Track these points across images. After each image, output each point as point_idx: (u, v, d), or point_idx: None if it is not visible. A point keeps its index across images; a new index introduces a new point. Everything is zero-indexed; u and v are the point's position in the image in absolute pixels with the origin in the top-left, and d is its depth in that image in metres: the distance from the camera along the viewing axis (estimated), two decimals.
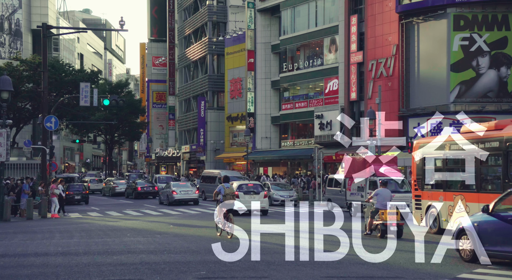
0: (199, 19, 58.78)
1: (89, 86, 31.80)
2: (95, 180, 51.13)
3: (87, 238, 15.43)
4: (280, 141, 47.00)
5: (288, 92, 45.93)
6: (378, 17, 36.11)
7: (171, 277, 9.35)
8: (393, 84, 35.10)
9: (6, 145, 22.38)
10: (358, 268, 10.26)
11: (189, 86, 61.90)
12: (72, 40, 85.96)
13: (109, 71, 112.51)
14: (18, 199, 24.98)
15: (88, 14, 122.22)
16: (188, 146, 61.20)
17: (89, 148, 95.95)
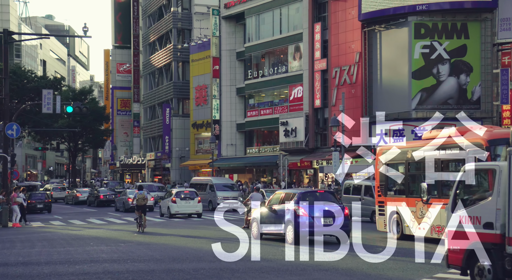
0: (164, 26, 58.54)
1: (52, 93, 31.27)
2: (58, 188, 50.21)
3: (49, 247, 15.17)
4: (245, 147, 47.09)
5: (253, 99, 46.12)
6: (341, 25, 36.64)
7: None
8: (357, 91, 35.62)
9: None
10: (322, 274, 10.37)
11: (154, 93, 61.50)
12: (35, 46, 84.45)
13: (73, 78, 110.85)
14: None
15: (51, 20, 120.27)
16: (153, 153, 60.71)
17: (52, 155, 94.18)
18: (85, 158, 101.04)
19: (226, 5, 46.82)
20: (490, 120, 32.20)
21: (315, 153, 38.89)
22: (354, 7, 35.37)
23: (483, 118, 31.78)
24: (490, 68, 32.79)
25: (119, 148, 72.27)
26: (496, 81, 32.81)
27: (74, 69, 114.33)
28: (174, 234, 18.53)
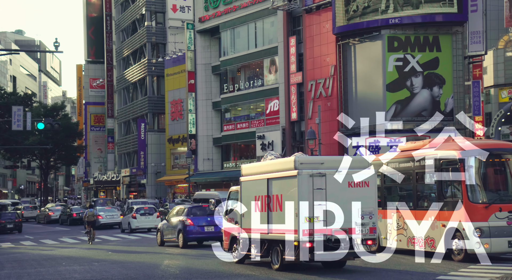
0: (138, 40, 58.16)
1: (22, 109, 30.69)
2: (29, 207, 49.10)
3: (19, 268, 14.63)
4: (222, 162, 46.74)
5: (229, 113, 45.91)
6: (316, 39, 36.78)
7: None
8: (332, 104, 35.68)
9: None
10: None
11: (128, 108, 60.88)
12: (4, 62, 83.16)
13: (44, 93, 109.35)
14: None
15: (21, 35, 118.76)
16: (128, 169, 59.92)
17: (23, 173, 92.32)
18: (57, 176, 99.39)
19: (201, 19, 46.72)
20: (463, 132, 32.51)
21: None
22: (328, 21, 35.57)
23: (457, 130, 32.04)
24: (462, 81, 33.21)
25: (93, 165, 71.22)
26: (468, 93, 33.24)
27: (46, 85, 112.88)
28: (148, 251, 18.08)
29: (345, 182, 11.99)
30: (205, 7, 46.19)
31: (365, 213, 12.00)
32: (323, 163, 12.27)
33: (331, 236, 11.71)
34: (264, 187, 12.92)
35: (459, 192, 13.44)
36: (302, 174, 11.76)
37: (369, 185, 12.18)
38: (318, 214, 11.65)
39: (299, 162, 12.01)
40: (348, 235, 11.80)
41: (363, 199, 12.04)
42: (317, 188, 11.71)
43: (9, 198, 75.91)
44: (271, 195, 12.67)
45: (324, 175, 11.83)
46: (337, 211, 11.84)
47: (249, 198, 13.51)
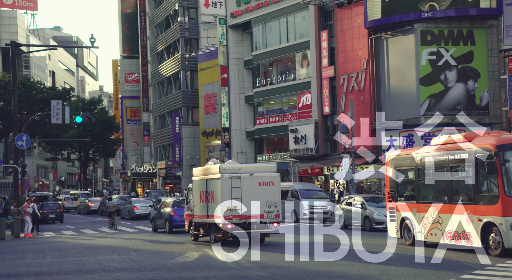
0: (171, 36, 58.88)
1: (61, 103, 31.56)
2: (69, 198, 50.52)
3: (61, 257, 15.25)
4: (255, 155, 47.14)
5: (262, 107, 46.23)
6: (347, 33, 36.72)
7: None
8: (365, 98, 35.63)
9: None
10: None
11: (163, 102, 61.77)
12: (43, 57, 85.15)
13: (82, 88, 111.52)
14: None
15: (59, 32, 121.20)
16: (163, 162, 60.87)
17: (64, 165, 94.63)
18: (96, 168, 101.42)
19: (233, 14, 47.08)
20: (499, 126, 32.10)
21: (325, 159, 38.89)
22: (360, 15, 35.46)
23: (492, 124, 31.69)
24: (498, 74, 32.75)
25: (130, 157, 72.55)
26: (504, 87, 32.76)
27: (83, 79, 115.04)
28: (185, 242, 18.60)
29: (255, 182, 16.55)
30: (237, 2, 46.51)
31: (271, 204, 16.62)
32: (240, 169, 16.99)
33: (245, 220, 16.36)
34: (204, 185, 17.54)
35: (496, 186, 13.43)
36: (224, 177, 16.42)
37: (274, 184, 16.81)
38: (236, 205, 16.25)
39: (223, 168, 16.78)
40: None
41: (270, 194, 16.64)
42: (234, 186, 16.29)
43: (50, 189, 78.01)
44: (208, 191, 17.21)
45: (240, 177, 16.41)
46: (250, 202, 16.30)
47: (197, 193, 18.15)
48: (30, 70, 76.65)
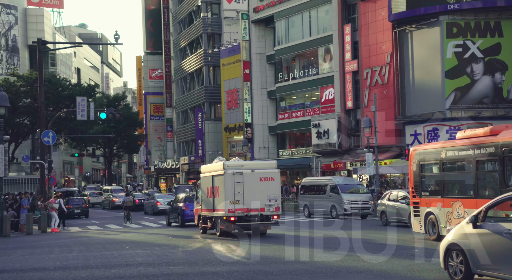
0: (194, 31, 59.05)
1: (86, 100, 31.90)
2: (94, 193, 51.16)
3: (86, 251, 15.44)
4: (278, 150, 47.08)
5: (284, 102, 46.12)
6: (371, 26, 36.36)
7: None
8: (389, 92, 35.27)
9: (3, 160, 22.43)
10: (356, 276, 10.31)
11: (186, 98, 62.05)
12: (69, 55, 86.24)
13: (107, 84, 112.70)
14: (18, 214, 24.98)
15: (84, 29, 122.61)
16: (186, 157, 61.21)
17: (89, 161, 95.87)
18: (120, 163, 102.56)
19: (255, 9, 46.99)
20: None
21: (348, 154, 38.65)
22: (384, 8, 35.08)
23: None
24: None
25: (153, 153, 73.13)
26: None
27: (108, 76, 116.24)
28: (208, 237, 18.68)
29: (257, 177, 17.78)
30: None
31: (271, 198, 17.82)
32: (243, 165, 18.13)
33: (247, 213, 17.61)
34: (210, 181, 18.75)
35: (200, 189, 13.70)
36: (227, 173, 17.67)
37: (274, 179, 17.98)
38: (239, 198, 17.54)
39: (226, 165, 18.01)
40: (259, 212, 17.71)
41: (270, 189, 17.83)
42: (237, 181, 17.54)
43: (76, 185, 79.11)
44: (214, 186, 18.46)
45: (242, 173, 17.63)
46: (251, 196, 17.60)
47: (204, 188, 19.50)
48: (56, 67, 77.70)
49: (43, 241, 19.61)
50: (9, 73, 52.42)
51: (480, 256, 8.76)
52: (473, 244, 8.86)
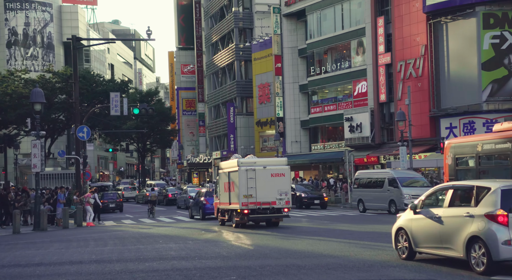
0: (226, 26, 59.15)
1: (119, 95, 32.27)
2: (128, 188, 51.85)
3: (121, 245, 15.64)
4: (310, 144, 46.87)
5: (316, 95, 45.84)
6: (405, 18, 35.78)
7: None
8: (423, 84, 34.70)
9: (40, 156, 22.89)
10: (390, 270, 10.17)
11: (218, 92, 62.28)
12: (103, 51, 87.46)
13: (139, 80, 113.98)
14: (54, 208, 25.48)
15: (117, 25, 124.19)
16: (219, 152, 61.49)
17: (123, 156, 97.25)
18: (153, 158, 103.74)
19: (287, 2, 46.76)
20: None
21: (382, 148, 38.23)
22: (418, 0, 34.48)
23: None
24: None
25: (186, 147, 73.72)
26: None
27: (141, 71, 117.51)
28: (240, 231, 18.72)
29: (268, 173, 19.04)
30: None
31: (282, 192, 19.09)
32: (255, 162, 19.41)
33: (260, 206, 19.02)
34: (227, 176, 20.00)
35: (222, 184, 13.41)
36: (241, 169, 18.99)
37: (285, 175, 19.22)
38: (251, 193, 18.90)
39: (240, 162, 19.31)
40: (271, 205, 19.07)
41: (281, 184, 19.10)
42: (250, 177, 18.83)
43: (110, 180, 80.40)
44: (230, 182, 19.69)
45: (254, 170, 18.94)
46: (263, 191, 18.94)
47: (222, 184, 20.74)
48: (91, 63, 78.94)
49: (79, 235, 19.96)
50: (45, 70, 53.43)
51: (418, 237, 10.69)
52: (413, 227, 10.81)
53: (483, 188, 9.64)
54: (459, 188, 10.35)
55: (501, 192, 9.28)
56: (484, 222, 9.24)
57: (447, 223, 9.97)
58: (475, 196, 9.69)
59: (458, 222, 9.71)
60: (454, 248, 9.84)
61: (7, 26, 71.77)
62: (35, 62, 72.15)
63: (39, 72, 61.20)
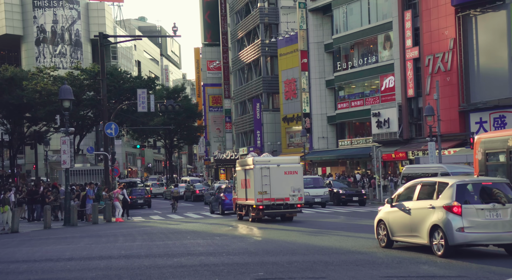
0: (251, 22, 59.11)
1: (146, 92, 32.51)
2: (156, 184, 52.32)
3: (149, 241, 15.79)
4: (337, 140, 46.61)
5: (343, 91, 45.53)
6: (433, 11, 35.25)
7: (229, 278, 9.46)
8: (452, 79, 34.17)
9: (70, 152, 23.24)
10: (419, 267, 10.06)
11: (244, 88, 62.35)
12: (129, 48, 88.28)
13: (166, 76, 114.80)
14: (83, 204, 25.86)
15: (144, 22, 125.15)
16: (245, 148, 61.59)
17: (150, 152, 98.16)
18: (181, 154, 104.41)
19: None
20: None
21: (410, 143, 37.81)
22: None
23: None
24: None
25: (213, 144, 74.03)
26: None
27: (167, 68, 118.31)
28: (267, 227, 18.73)
29: (282, 171, 19.95)
30: None
31: (295, 189, 20.08)
32: (270, 161, 20.42)
33: (274, 202, 20.01)
34: (243, 174, 21.13)
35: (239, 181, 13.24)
36: (256, 167, 19.95)
37: (298, 173, 20.24)
38: (266, 190, 19.86)
39: (255, 160, 20.33)
40: (284, 201, 20.09)
41: (294, 181, 20.09)
42: (264, 175, 19.80)
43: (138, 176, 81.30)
44: (246, 179, 20.77)
45: (269, 168, 19.88)
46: (277, 188, 19.90)
47: (239, 180, 21.82)
48: (118, 60, 79.77)
49: (108, 230, 20.20)
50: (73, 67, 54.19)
51: (394, 227, 12.08)
52: (390, 219, 12.19)
53: (443, 183, 11.12)
54: (426, 183, 11.73)
55: (456, 186, 10.76)
56: (443, 212, 10.68)
57: (414, 214, 11.41)
58: (437, 190, 11.10)
59: (423, 213, 11.15)
60: (420, 235, 11.21)
61: (35, 24, 72.96)
62: (63, 59, 73.24)
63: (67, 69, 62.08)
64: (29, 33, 72.96)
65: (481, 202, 10.74)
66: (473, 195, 10.88)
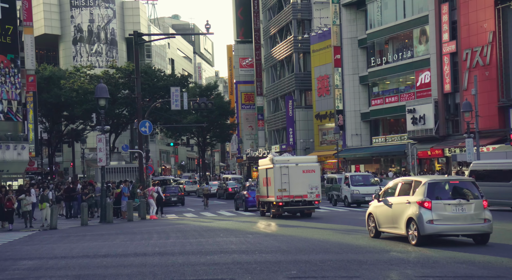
0: (284, 18, 58.88)
1: (179, 90, 32.70)
2: (189, 182, 52.65)
3: (183, 238, 15.84)
4: (371, 137, 46.05)
5: (377, 87, 44.93)
6: (471, 4, 34.43)
7: (262, 276, 9.37)
8: (491, 73, 33.32)
9: (105, 150, 23.53)
10: (456, 267, 9.78)
11: (276, 86, 62.19)
12: (163, 46, 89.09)
13: (199, 74, 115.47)
14: (118, 201, 26.15)
15: (177, 20, 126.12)
16: (278, 146, 61.48)
17: (183, 150, 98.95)
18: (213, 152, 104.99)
19: None
20: None
21: (447, 140, 37.07)
22: None
23: None
24: None
25: (245, 141, 74.12)
26: None
27: (200, 66, 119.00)
28: (299, 225, 18.59)
29: (300, 170, 21.11)
30: None
31: (313, 186, 21.18)
32: (289, 160, 21.40)
33: (293, 199, 21.18)
34: (265, 173, 22.19)
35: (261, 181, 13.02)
36: (276, 166, 21.10)
37: (315, 171, 21.44)
38: (285, 187, 21.03)
39: (275, 160, 21.37)
40: (303, 198, 21.22)
41: (311, 179, 21.24)
42: (283, 173, 20.94)
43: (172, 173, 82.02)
44: (267, 177, 21.78)
45: (288, 167, 21.02)
46: (296, 185, 21.02)
47: (261, 179, 22.96)
48: (152, 58, 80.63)
49: (143, 228, 20.38)
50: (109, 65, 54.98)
51: (380, 220, 13.60)
52: (377, 212, 13.72)
53: (418, 182, 12.58)
54: (406, 181, 13.17)
55: (428, 184, 12.18)
56: (416, 207, 12.18)
57: (395, 208, 12.94)
58: (413, 187, 12.57)
59: (402, 207, 12.67)
60: (399, 227, 12.72)
61: (72, 23, 74.28)
62: (99, 58, 74.39)
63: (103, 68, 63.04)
64: (67, 32, 74.31)
65: (449, 198, 12.11)
66: (443, 192, 12.22)
